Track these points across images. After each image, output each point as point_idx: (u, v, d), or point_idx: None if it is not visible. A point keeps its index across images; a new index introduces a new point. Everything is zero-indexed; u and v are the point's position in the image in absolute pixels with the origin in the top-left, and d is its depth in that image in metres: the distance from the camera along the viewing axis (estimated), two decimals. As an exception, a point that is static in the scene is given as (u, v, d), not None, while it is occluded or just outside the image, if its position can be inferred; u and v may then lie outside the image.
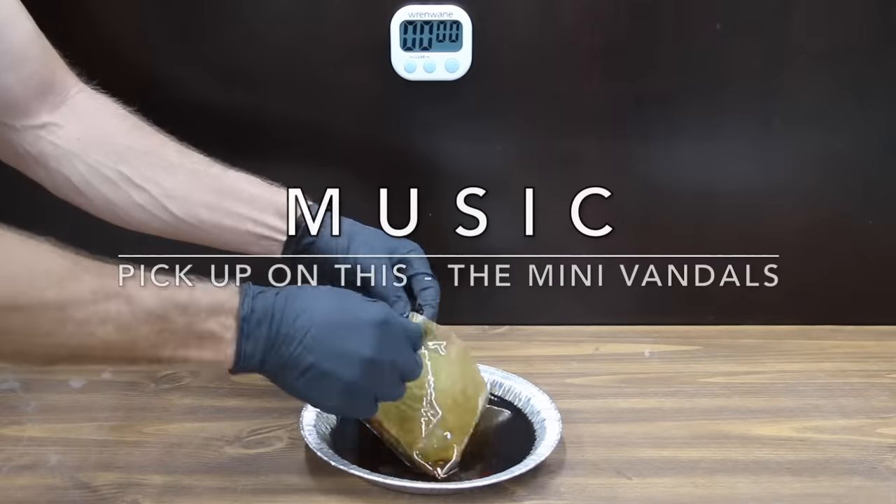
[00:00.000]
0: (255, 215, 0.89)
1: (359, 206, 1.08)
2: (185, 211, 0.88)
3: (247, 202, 0.89)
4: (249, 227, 0.89)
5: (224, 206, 0.88)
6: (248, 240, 0.90)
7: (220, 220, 0.88)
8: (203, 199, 0.88)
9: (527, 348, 1.11)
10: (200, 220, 0.88)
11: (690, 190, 1.12)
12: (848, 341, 1.13)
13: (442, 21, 1.04)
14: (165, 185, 0.87)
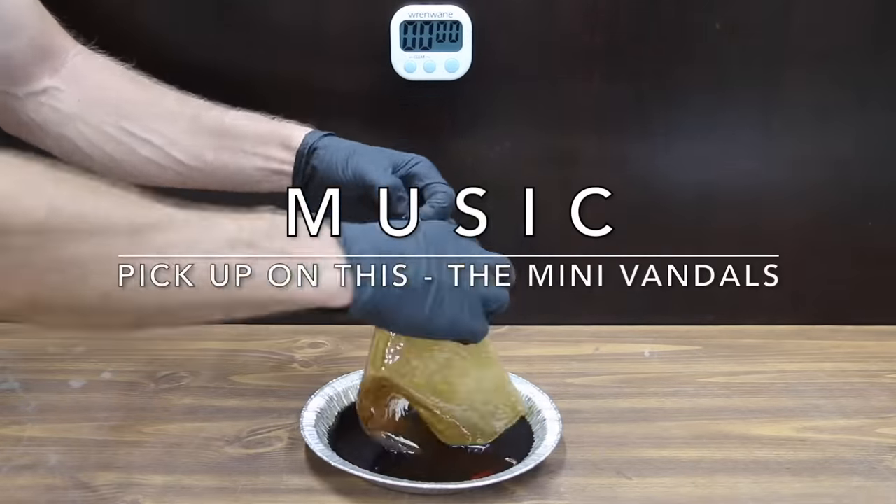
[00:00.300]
0: (261, 150, 0.88)
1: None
2: (190, 156, 0.88)
3: (251, 139, 0.88)
4: (258, 164, 0.88)
5: (228, 145, 0.88)
6: (259, 176, 0.89)
7: (227, 161, 0.88)
8: (207, 141, 0.88)
9: (527, 348, 1.11)
10: (207, 162, 0.88)
11: (690, 190, 1.12)
12: (848, 341, 1.13)
13: (442, 21, 1.04)
14: (169, 134, 0.87)
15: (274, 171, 0.89)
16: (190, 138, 0.88)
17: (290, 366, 1.06)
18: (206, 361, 1.06)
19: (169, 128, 0.88)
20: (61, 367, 1.05)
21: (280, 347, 1.10)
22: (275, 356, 1.08)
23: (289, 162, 0.88)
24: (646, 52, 1.07)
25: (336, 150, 0.87)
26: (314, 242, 0.74)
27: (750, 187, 1.12)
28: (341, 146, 0.88)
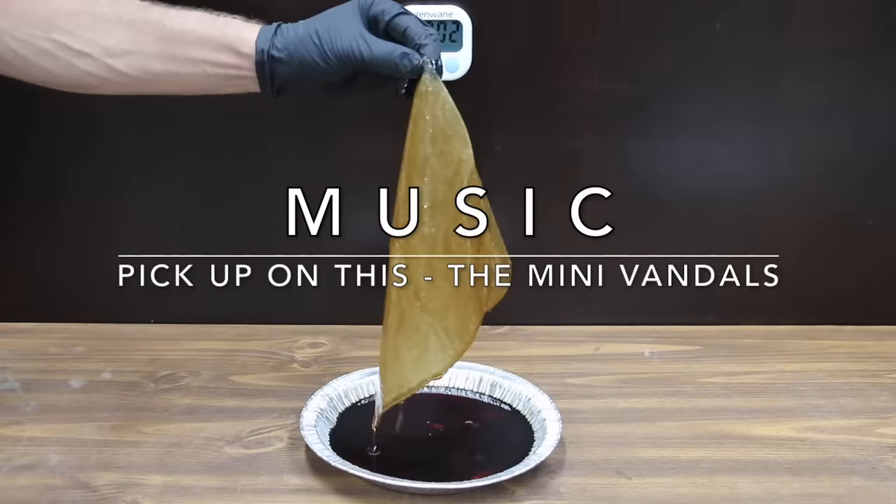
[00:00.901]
0: (210, 56, 0.81)
1: (359, 205, 1.09)
2: (134, 67, 0.81)
3: (197, 44, 0.81)
4: (208, 70, 0.82)
5: (174, 53, 0.81)
6: (214, 83, 0.83)
7: (175, 70, 0.82)
8: (150, 50, 0.81)
9: (527, 348, 1.11)
10: (155, 73, 0.82)
11: (690, 190, 1.12)
12: (848, 341, 1.13)
13: (442, 21, 1.04)
14: (106, 45, 0.80)
15: (231, 76, 0.83)
16: (130, 48, 0.81)
17: (290, 366, 1.06)
18: (206, 361, 1.06)
19: (105, 38, 0.80)
20: (61, 367, 1.05)
21: (280, 347, 1.10)
22: (275, 356, 1.08)
23: (245, 68, 0.82)
24: (646, 52, 1.07)
25: (300, 45, 0.81)
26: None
27: (750, 187, 1.12)
28: (300, 38, 0.81)
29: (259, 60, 0.80)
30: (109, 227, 1.13)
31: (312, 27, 0.81)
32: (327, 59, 0.80)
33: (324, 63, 0.80)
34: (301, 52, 0.80)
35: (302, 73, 0.81)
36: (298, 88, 0.82)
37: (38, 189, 1.12)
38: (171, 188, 1.12)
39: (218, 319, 1.14)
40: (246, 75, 0.82)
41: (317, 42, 0.80)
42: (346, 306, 1.13)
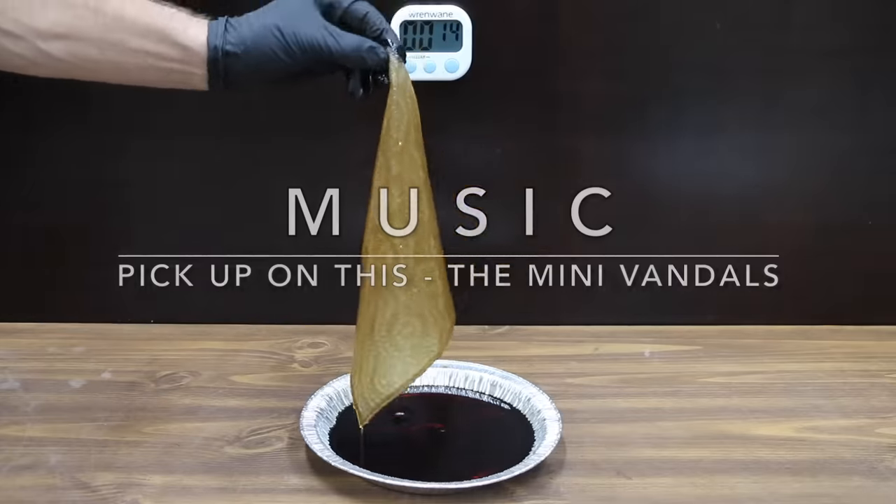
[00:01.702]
0: (153, 48, 0.77)
1: (359, 205, 1.09)
2: (71, 53, 0.77)
3: (140, 35, 0.77)
4: (152, 63, 0.78)
5: (114, 41, 0.77)
6: (156, 75, 0.79)
7: (116, 59, 0.78)
8: (88, 35, 0.76)
9: (527, 348, 1.10)
10: (94, 60, 0.78)
11: (690, 190, 1.12)
12: (848, 341, 1.13)
13: (442, 21, 1.04)
14: (37, 26, 0.76)
15: (174, 70, 0.79)
16: (66, 32, 0.76)
17: (290, 366, 1.06)
18: (206, 361, 1.06)
19: (37, 19, 0.76)
20: (61, 367, 1.05)
21: (280, 347, 1.10)
22: (275, 356, 1.08)
23: (193, 63, 0.78)
24: (646, 52, 1.07)
25: (259, 40, 0.78)
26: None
27: (750, 187, 1.12)
28: (258, 33, 0.78)
29: (212, 58, 0.78)
30: (109, 227, 1.13)
31: (269, 20, 0.79)
32: (291, 52, 0.78)
33: (287, 57, 0.78)
34: (261, 46, 0.78)
35: (259, 66, 0.79)
36: (250, 82, 0.80)
37: (38, 189, 1.12)
38: (171, 188, 1.12)
39: (218, 319, 1.14)
40: (193, 71, 0.79)
41: (278, 36, 0.78)
42: (346, 306, 1.12)
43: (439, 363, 1.00)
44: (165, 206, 1.13)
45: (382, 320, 0.84)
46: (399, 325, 0.84)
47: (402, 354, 0.85)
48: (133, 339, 1.11)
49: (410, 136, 0.83)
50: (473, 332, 1.14)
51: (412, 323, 0.84)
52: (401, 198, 0.83)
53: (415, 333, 0.84)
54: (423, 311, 0.85)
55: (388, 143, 0.82)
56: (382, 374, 0.85)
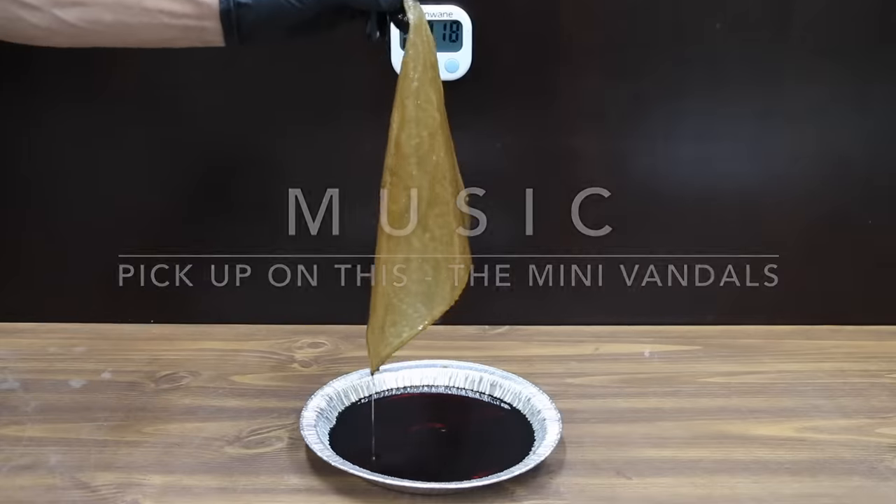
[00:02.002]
0: (167, 6, 0.78)
1: (359, 205, 1.09)
2: (83, 18, 0.77)
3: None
4: (165, 21, 0.78)
5: (129, 4, 0.78)
6: (171, 34, 0.80)
7: (128, 20, 0.78)
8: (101, 0, 0.77)
9: (527, 348, 1.11)
10: (106, 24, 0.78)
11: (690, 190, 1.12)
12: (848, 341, 1.13)
13: (442, 21, 1.04)
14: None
15: (189, 27, 0.79)
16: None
17: (290, 366, 1.06)
18: (206, 361, 1.06)
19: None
20: (61, 367, 1.05)
21: (280, 347, 1.10)
22: (275, 356, 1.08)
23: (206, 17, 0.78)
24: (646, 52, 1.07)
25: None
26: None
27: (750, 187, 1.12)
28: None
29: (224, 9, 0.77)
30: (109, 226, 1.13)
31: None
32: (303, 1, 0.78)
33: (298, 2, 0.78)
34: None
35: (271, 15, 0.78)
36: (264, 34, 0.79)
37: (38, 188, 1.12)
38: (171, 188, 1.12)
39: (218, 319, 1.14)
40: (206, 26, 0.79)
41: None
42: (346, 306, 1.13)
43: (439, 363, 1.00)
44: (165, 206, 1.13)
45: (394, 267, 0.83)
46: (411, 271, 0.83)
47: (413, 301, 0.83)
48: (133, 339, 1.11)
49: (427, 75, 0.81)
50: (473, 332, 1.14)
51: (424, 269, 0.83)
52: (417, 138, 0.81)
53: (425, 280, 0.83)
54: (436, 257, 0.83)
55: (405, 83, 0.81)
56: (392, 322, 0.84)
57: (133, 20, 0.78)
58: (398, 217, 0.82)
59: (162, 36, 0.79)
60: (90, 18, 0.77)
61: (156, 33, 0.79)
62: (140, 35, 0.79)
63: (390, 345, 0.84)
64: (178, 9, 0.78)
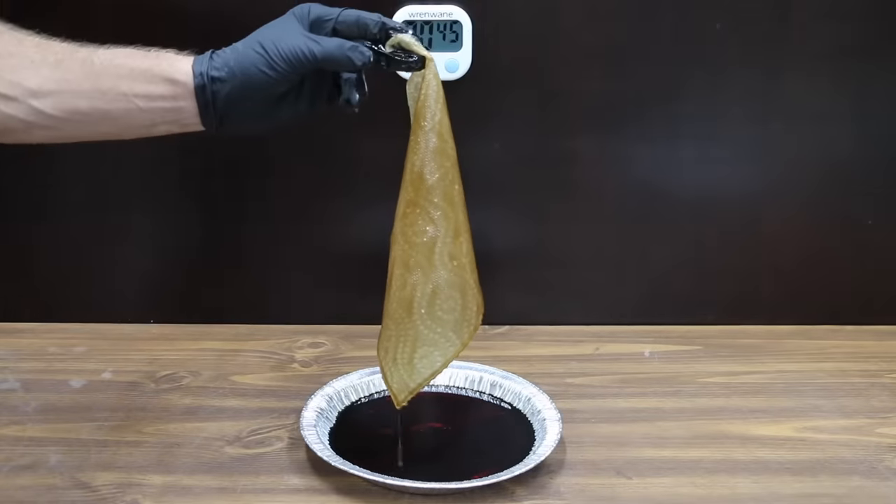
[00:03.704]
0: (142, 89, 0.77)
1: (361, 206, 1.09)
2: (58, 107, 0.76)
3: (128, 77, 0.77)
4: (140, 105, 0.77)
5: (103, 88, 0.77)
6: (148, 118, 0.78)
7: (104, 107, 0.77)
8: (77, 88, 0.77)
9: (527, 348, 1.11)
10: (83, 112, 0.77)
11: (690, 190, 1.12)
12: (848, 341, 1.13)
13: (442, 21, 1.04)
14: (30, 86, 0.76)
15: (166, 109, 0.78)
16: (56, 88, 0.76)
17: (290, 366, 1.06)
18: (206, 361, 1.06)
19: (31, 79, 0.76)
20: (61, 367, 1.05)
21: (280, 347, 1.10)
22: (275, 356, 1.08)
23: (182, 97, 0.77)
24: (646, 52, 1.07)
25: (243, 59, 0.77)
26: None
27: (750, 187, 1.12)
28: (241, 53, 0.77)
29: (199, 84, 0.76)
30: (109, 226, 1.13)
31: (253, 40, 0.78)
32: (274, 65, 0.76)
33: (271, 70, 0.76)
34: (245, 65, 0.76)
35: (246, 88, 0.77)
36: (243, 112, 0.78)
37: (38, 188, 1.12)
38: (171, 188, 1.12)
39: (218, 319, 1.14)
40: (183, 106, 0.78)
41: (261, 52, 0.77)
42: (346, 306, 1.13)
43: (439, 363, 1.00)
44: (166, 206, 1.13)
45: (423, 297, 0.83)
46: (440, 300, 0.83)
47: (444, 330, 0.84)
48: (133, 339, 1.11)
49: (444, 107, 0.83)
50: (473, 332, 1.14)
51: (454, 297, 0.83)
52: (441, 169, 0.82)
53: (456, 308, 0.84)
54: (463, 283, 0.84)
55: (426, 117, 0.82)
56: (423, 354, 0.84)
57: (109, 106, 0.77)
58: (426, 250, 0.82)
59: (140, 121, 0.79)
60: (66, 108, 0.77)
61: (134, 119, 0.78)
62: (118, 122, 0.79)
63: (423, 376, 0.84)
64: (154, 90, 0.77)
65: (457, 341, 0.84)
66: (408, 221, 0.82)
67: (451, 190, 0.82)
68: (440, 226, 0.82)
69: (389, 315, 0.83)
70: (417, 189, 0.81)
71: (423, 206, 0.81)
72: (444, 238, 0.82)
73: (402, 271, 0.82)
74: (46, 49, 0.78)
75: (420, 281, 0.82)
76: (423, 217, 0.82)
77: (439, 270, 0.82)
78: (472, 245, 0.84)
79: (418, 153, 0.81)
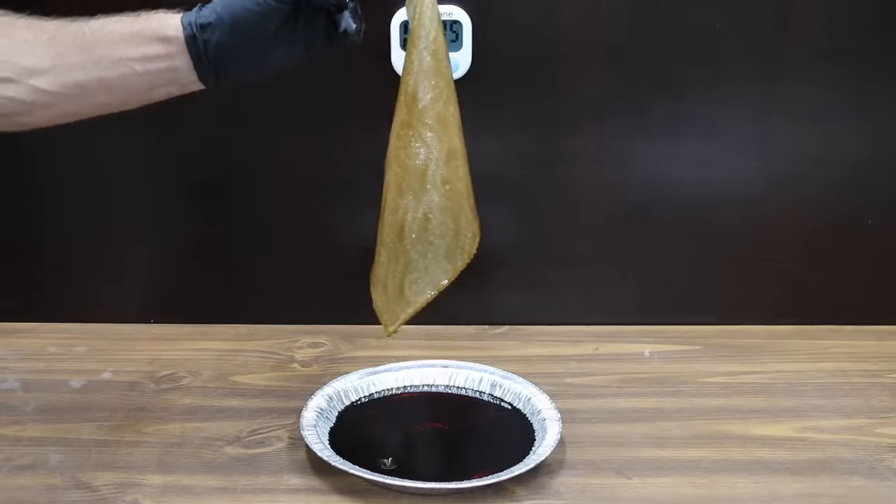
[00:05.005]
0: (136, 52, 0.76)
1: (360, 205, 1.09)
2: (56, 82, 0.77)
3: (121, 43, 0.76)
4: (136, 68, 0.76)
5: (98, 57, 0.76)
6: (145, 81, 0.78)
7: (101, 75, 0.77)
8: (72, 61, 0.77)
9: (527, 348, 1.11)
10: (80, 85, 0.77)
11: (690, 189, 1.12)
12: (848, 341, 1.13)
13: (442, 21, 1.04)
14: (26, 65, 0.76)
15: (162, 70, 0.77)
16: (51, 64, 0.76)
17: (290, 366, 1.06)
18: (206, 361, 1.06)
19: (26, 59, 0.76)
20: (61, 367, 1.05)
21: (280, 347, 1.10)
22: (275, 356, 1.08)
23: (176, 54, 0.76)
24: (646, 52, 1.07)
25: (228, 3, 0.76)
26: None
27: (750, 187, 1.12)
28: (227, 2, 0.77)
29: (188, 35, 0.75)
30: (109, 226, 1.13)
31: None
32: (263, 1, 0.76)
33: (255, 5, 0.76)
34: (233, 5, 0.76)
35: (236, 30, 0.76)
36: (237, 59, 0.77)
37: (38, 188, 1.12)
38: (171, 187, 1.12)
39: (218, 319, 1.14)
40: (178, 64, 0.77)
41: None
42: (346, 306, 1.13)
43: (439, 363, 1.00)
44: (166, 206, 1.13)
45: (414, 222, 0.81)
46: (432, 225, 0.81)
47: (436, 256, 0.82)
48: (133, 339, 1.11)
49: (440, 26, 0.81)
50: (473, 332, 1.14)
51: (446, 222, 0.82)
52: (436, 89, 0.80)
53: (448, 233, 0.82)
54: (456, 208, 0.82)
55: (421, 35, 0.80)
56: (413, 280, 0.82)
57: (106, 74, 0.77)
58: (419, 174, 0.80)
59: (138, 86, 0.78)
60: (64, 82, 0.77)
61: (132, 84, 0.78)
62: (117, 90, 0.78)
63: (412, 304, 0.82)
64: (148, 51, 0.77)
65: (449, 268, 0.82)
66: (401, 143, 0.80)
67: (446, 111, 0.80)
68: (433, 148, 0.80)
69: (381, 242, 0.82)
70: (410, 110, 0.80)
71: (416, 127, 0.80)
72: (436, 161, 0.80)
73: (394, 196, 0.81)
74: (38, 28, 0.78)
75: (412, 205, 0.81)
76: (415, 139, 0.80)
77: (431, 194, 0.81)
78: (468, 169, 0.82)
79: (412, 73, 0.80)
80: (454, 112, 0.81)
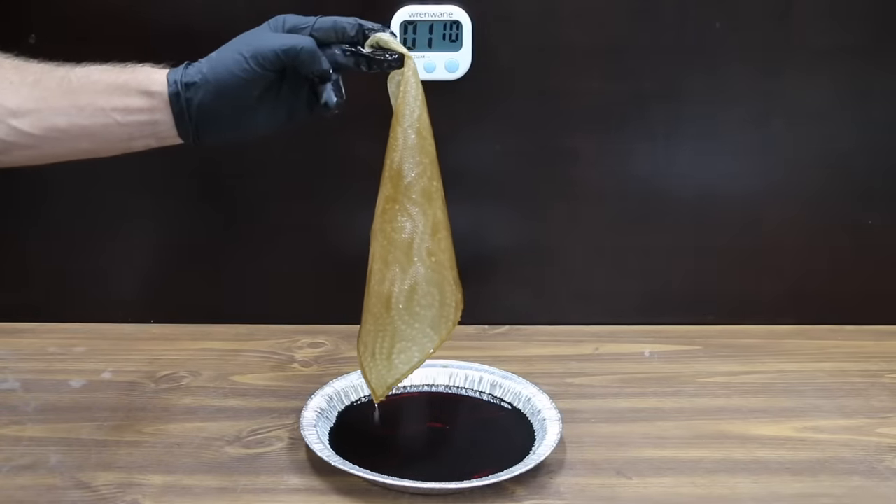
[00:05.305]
0: (119, 103, 0.77)
1: (359, 206, 1.09)
2: (37, 125, 0.77)
3: (105, 92, 0.77)
4: (118, 118, 0.77)
5: (81, 104, 0.77)
6: (126, 132, 0.78)
7: (82, 122, 0.78)
8: (55, 105, 0.77)
9: (527, 348, 1.11)
10: (61, 129, 0.78)
11: (690, 190, 1.12)
12: (848, 341, 1.13)
13: (442, 21, 1.04)
14: (10, 106, 0.77)
15: (143, 122, 0.78)
16: (35, 107, 0.77)
17: (290, 366, 1.06)
18: (206, 361, 1.06)
19: (10, 100, 0.77)
20: (61, 367, 1.05)
21: (280, 347, 1.10)
22: (275, 356, 1.08)
23: (158, 109, 0.78)
24: (646, 52, 1.07)
25: (217, 64, 0.78)
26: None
27: (750, 187, 1.12)
28: (215, 59, 0.78)
29: (173, 92, 0.77)
30: (110, 226, 1.13)
31: (226, 47, 0.79)
32: (244, 63, 0.77)
33: (241, 71, 0.77)
34: (217, 69, 0.77)
35: (220, 93, 0.77)
36: (218, 120, 0.78)
37: (37, 188, 1.12)
38: (170, 187, 1.12)
39: (218, 319, 1.14)
40: (159, 118, 0.78)
41: (232, 54, 0.77)
42: (346, 306, 1.13)
43: (439, 363, 1.00)
44: (165, 206, 1.13)
45: (401, 293, 0.83)
46: (418, 296, 0.83)
47: (422, 326, 0.84)
48: (133, 339, 1.11)
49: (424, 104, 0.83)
50: (473, 332, 1.14)
51: (431, 293, 0.84)
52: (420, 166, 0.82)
53: (434, 304, 0.84)
54: (441, 279, 0.84)
55: (406, 114, 0.82)
56: (401, 349, 0.84)
57: (87, 121, 0.78)
58: (405, 247, 0.83)
59: (118, 136, 0.79)
60: (45, 125, 0.77)
61: (112, 133, 0.79)
62: (97, 137, 0.79)
63: (401, 371, 0.84)
64: (131, 103, 0.78)
65: (435, 337, 0.84)
66: (387, 217, 0.83)
67: (430, 186, 0.83)
68: (418, 222, 0.82)
69: (368, 310, 0.84)
70: (396, 185, 0.82)
71: (402, 202, 0.82)
72: (422, 234, 0.82)
73: (380, 266, 0.83)
74: (24, 70, 0.79)
75: (398, 277, 0.83)
76: (401, 213, 0.82)
77: (417, 266, 0.83)
78: (451, 241, 0.85)
79: (397, 150, 0.82)
80: (438, 186, 0.83)
